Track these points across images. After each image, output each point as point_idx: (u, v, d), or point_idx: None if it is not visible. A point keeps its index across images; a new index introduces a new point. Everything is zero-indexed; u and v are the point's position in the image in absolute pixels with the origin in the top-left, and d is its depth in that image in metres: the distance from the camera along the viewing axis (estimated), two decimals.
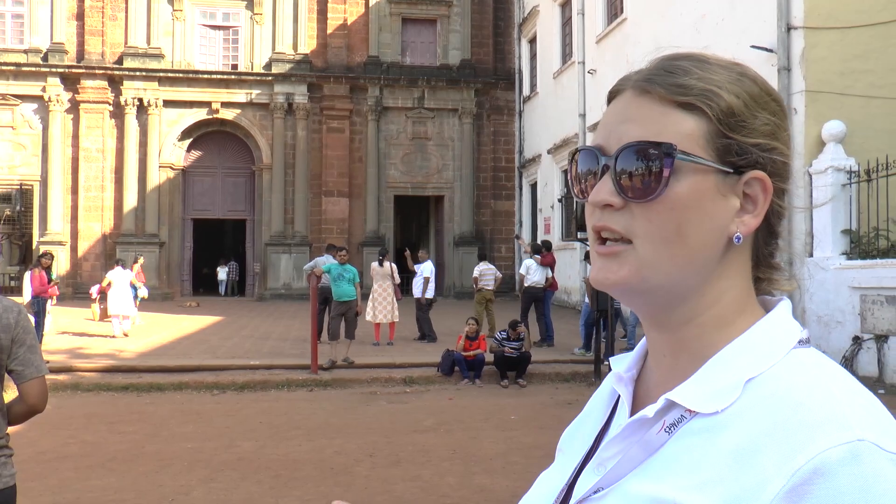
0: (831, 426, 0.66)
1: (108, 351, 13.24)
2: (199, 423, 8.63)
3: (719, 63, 0.81)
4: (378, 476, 6.52)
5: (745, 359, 0.76)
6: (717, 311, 0.80)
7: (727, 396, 0.73)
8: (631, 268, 0.78)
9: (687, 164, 0.76)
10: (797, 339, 0.77)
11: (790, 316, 0.81)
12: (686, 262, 0.77)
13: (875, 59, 11.60)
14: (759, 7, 12.54)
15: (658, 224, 0.77)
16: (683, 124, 0.77)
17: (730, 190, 0.77)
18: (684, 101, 0.77)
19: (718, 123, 0.77)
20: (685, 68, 0.80)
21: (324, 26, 27.38)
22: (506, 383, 11.19)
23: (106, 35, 26.28)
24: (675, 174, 0.76)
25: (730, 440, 0.70)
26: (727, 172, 0.77)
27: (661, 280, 0.78)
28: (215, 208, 27.59)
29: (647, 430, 0.77)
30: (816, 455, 0.65)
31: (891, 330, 10.05)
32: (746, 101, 0.78)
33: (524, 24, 27.11)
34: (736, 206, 0.78)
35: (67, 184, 25.96)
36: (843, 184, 11.13)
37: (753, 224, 0.78)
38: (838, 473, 0.64)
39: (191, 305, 23.26)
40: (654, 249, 0.77)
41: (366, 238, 26.78)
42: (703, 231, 0.77)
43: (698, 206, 0.76)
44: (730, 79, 0.79)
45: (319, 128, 27.23)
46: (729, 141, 0.77)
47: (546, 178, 24.36)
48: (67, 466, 6.75)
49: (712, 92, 0.77)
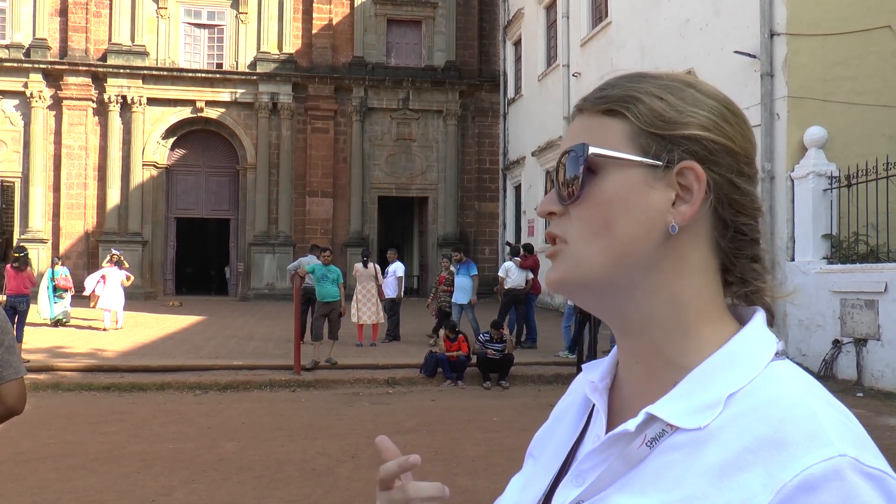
0: (813, 443, 0.68)
1: (89, 350, 13.15)
2: (181, 424, 8.60)
3: (656, 76, 0.84)
4: (360, 477, 6.52)
5: (726, 373, 0.76)
6: (677, 315, 0.80)
7: (709, 412, 0.74)
8: (567, 265, 0.82)
9: (610, 162, 0.80)
10: (774, 352, 0.78)
11: (766, 327, 0.81)
12: (619, 253, 0.79)
13: (856, 66, 11.73)
14: (743, 13, 12.64)
15: (587, 220, 0.80)
16: (607, 128, 0.82)
17: (662, 182, 0.79)
18: (606, 108, 0.83)
19: (639, 122, 0.80)
20: (612, 83, 0.85)
21: (309, 26, 27.34)
22: (488, 385, 11.21)
23: (90, 32, 26.12)
24: (600, 173, 0.80)
25: (712, 456, 0.71)
26: (655, 165, 0.79)
27: (597, 273, 0.80)
28: (199, 207, 27.48)
29: (627, 444, 0.78)
30: (801, 472, 0.66)
31: (869, 334, 10.17)
32: (673, 103, 0.80)
33: (509, 27, 27.17)
34: (671, 198, 0.79)
35: (49, 181, 25.77)
36: (825, 189, 11.24)
37: (689, 213, 0.78)
38: (822, 489, 0.66)
39: (174, 305, 23.14)
40: (585, 244, 0.81)
41: (349, 239, 26.75)
42: (632, 223, 0.79)
43: (624, 199, 0.79)
44: (658, 86, 0.82)
45: (304, 128, 27.19)
46: (652, 136, 0.79)
47: (530, 180, 24.42)
48: (48, 467, 6.71)
49: (631, 97, 0.81)
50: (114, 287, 16.26)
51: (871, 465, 0.68)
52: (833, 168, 11.20)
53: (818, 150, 11.35)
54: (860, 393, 9.82)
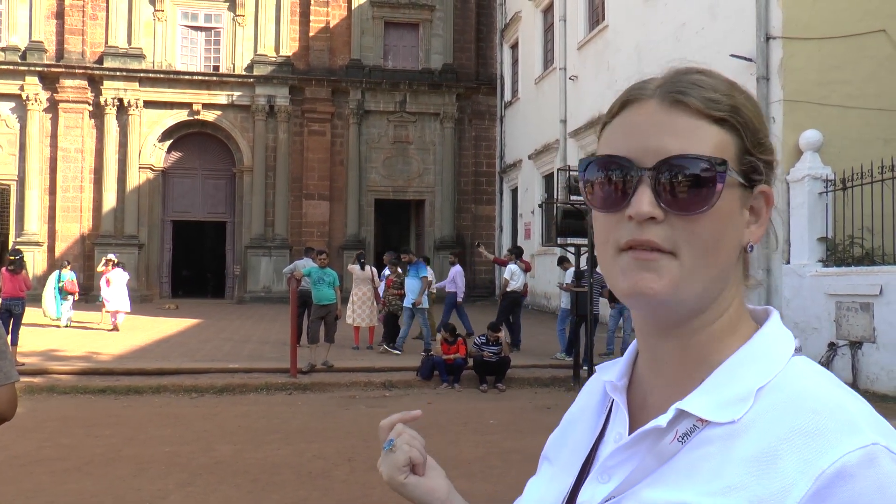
0: (847, 431, 0.71)
1: (84, 353, 13.13)
2: (177, 427, 8.59)
3: (725, 80, 0.84)
4: (357, 480, 6.52)
5: (753, 367, 0.79)
6: (726, 319, 0.83)
7: (741, 405, 0.76)
8: (670, 279, 0.78)
9: (729, 179, 0.78)
10: (793, 348, 0.82)
11: (783, 325, 0.85)
12: (717, 272, 0.80)
13: (851, 69, 11.76)
14: (739, 17, 12.67)
15: (701, 236, 0.78)
16: (719, 139, 0.79)
17: (745, 203, 0.82)
18: (719, 115, 0.79)
19: (745, 140, 0.80)
20: (710, 84, 0.81)
21: (306, 29, 27.34)
22: (485, 388, 11.20)
23: (86, 34, 26.10)
24: (719, 188, 0.78)
25: (748, 447, 0.74)
26: (745, 186, 0.81)
27: (697, 290, 0.79)
28: (195, 210, 27.45)
29: (658, 440, 0.79)
30: (838, 459, 0.69)
31: (864, 336, 10.18)
32: (759, 118, 0.82)
33: (506, 30, 27.21)
34: (747, 218, 0.83)
35: (45, 184, 25.73)
36: (820, 192, 11.26)
37: (760, 234, 0.84)
38: (858, 476, 0.68)
39: (170, 308, 23.11)
40: (695, 261, 0.78)
41: (346, 242, 26.74)
42: (732, 241, 0.81)
43: (731, 218, 0.80)
44: (743, 97, 0.82)
45: (301, 130, 27.19)
46: (752, 158, 0.81)
47: (527, 183, 24.44)
48: (43, 470, 6.69)
49: (740, 109, 0.80)
50: (120, 288, 16.98)
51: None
52: (828, 171, 11.23)
53: (814, 153, 11.37)
54: None
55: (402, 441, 1.04)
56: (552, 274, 21.22)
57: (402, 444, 1.04)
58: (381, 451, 1.04)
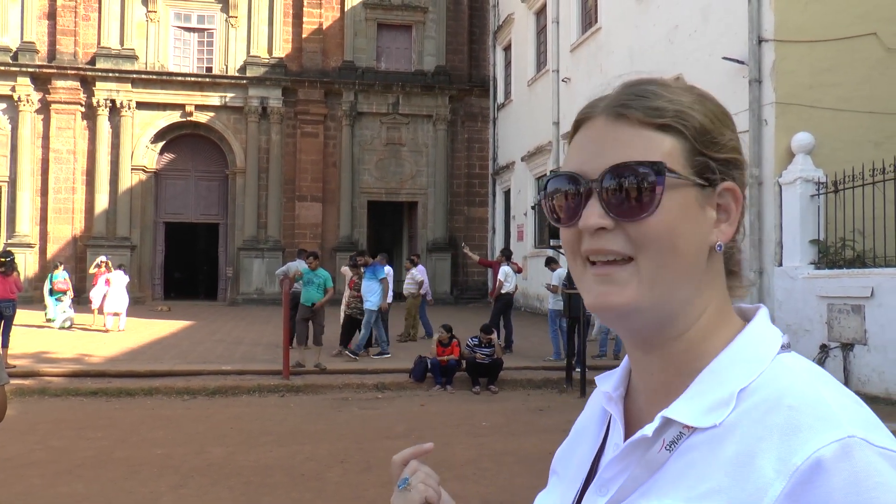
0: (822, 426, 0.70)
1: (76, 355, 13.08)
2: (169, 429, 8.56)
3: (679, 86, 0.84)
4: (349, 482, 6.51)
5: (735, 370, 0.79)
6: (704, 322, 0.82)
7: (723, 409, 0.76)
8: (635, 287, 0.79)
9: (672, 180, 0.79)
10: (780, 345, 0.81)
11: (770, 323, 0.84)
12: (682, 274, 0.80)
13: (843, 72, 11.80)
14: (731, 19, 12.70)
15: (654, 240, 0.79)
16: (664, 144, 0.80)
17: (707, 202, 0.81)
18: (661, 122, 0.80)
19: (694, 141, 0.81)
20: (655, 92, 0.82)
21: (299, 30, 27.33)
22: (477, 390, 11.20)
23: (78, 35, 26.02)
24: (665, 192, 0.79)
25: (728, 450, 0.73)
26: (703, 185, 0.81)
27: (661, 295, 0.80)
28: (188, 212, 27.39)
29: (647, 450, 0.79)
30: (812, 454, 0.69)
31: (856, 338, 10.22)
32: (713, 119, 0.82)
33: (499, 32, 27.23)
34: (713, 217, 0.82)
35: (37, 185, 25.63)
36: (812, 195, 11.30)
37: (730, 232, 0.83)
38: (833, 469, 0.68)
39: (162, 310, 23.05)
40: (653, 265, 0.79)
41: (339, 243, 26.72)
42: (693, 243, 0.80)
43: (685, 219, 0.80)
44: (694, 100, 0.83)
45: (294, 132, 27.15)
46: (703, 158, 0.81)
47: (520, 185, 24.46)
48: (34, 473, 6.66)
49: (685, 113, 0.81)
50: (120, 290, 17.06)
51: (881, 445, 0.70)
52: (820, 174, 11.27)
53: (805, 155, 11.41)
54: None
55: (417, 480, 0.99)
56: (544, 276, 21.25)
57: (418, 483, 0.99)
58: (395, 488, 1.01)
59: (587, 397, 1.02)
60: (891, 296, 9.75)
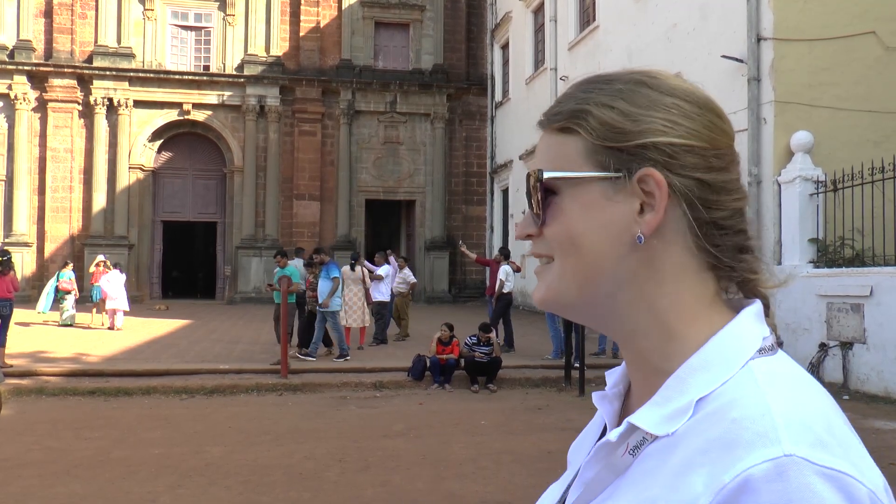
0: (759, 442, 0.66)
1: (73, 354, 13.06)
2: (167, 429, 8.54)
3: (609, 80, 0.82)
4: (347, 481, 6.49)
5: (700, 376, 0.75)
6: (658, 322, 0.79)
7: (680, 418, 0.73)
8: (547, 285, 0.83)
9: (568, 181, 0.80)
10: (756, 349, 0.76)
11: (754, 322, 0.79)
12: (590, 271, 0.80)
13: (841, 71, 11.80)
14: (730, 18, 12.69)
15: (557, 240, 0.81)
16: (564, 147, 0.82)
17: (623, 193, 0.78)
18: (560, 126, 0.82)
19: (592, 138, 0.79)
20: (567, 95, 0.84)
21: (296, 29, 27.30)
22: (476, 388, 11.19)
23: (75, 33, 25.96)
24: (560, 193, 0.81)
25: (674, 460, 0.71)
26: (615, 178, 0.78)
27: (574, 292, 0.81)
28: (186, 210, 27.35)
29: (610, 453, 0.78)
30: (741, 472, 0.65)
31: (855, 337, 10.22)
32: (625, 110, 0.79)
33: (497, 30, 27.21)
34: (635, 208, 0.78)
35: (34, 184, 25.58)
36: (811, 193, 11.30)
37: (654, 221, 0.77)
38: (762, 490, 0.64)
39: (160, 308, 23.03)
40: (560, 264, 0.82)
41: (337, 242, 26.69)
42: (597, 239, 0.79)
43: (584, 216, 0.79)
44: (609, 93, 0.80)
45: (291, 131, 27.13)
46: (608, 150, 0.79)
47: (518, 183, 24.44)
48: (31, 473, 6.64)
49: (582, 111, 0.80)
50: (119, 289, 17.47)
51: (825, 465, 0.65)
52: (819, 172, 11.27)
53: (804, 154, 11.41)
54: (846, 396, 9.86)
55: None
56: None
57: None
58: None
59: (586, 396, 1.01)
60: (890, 295, 9.76)
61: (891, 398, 9.59)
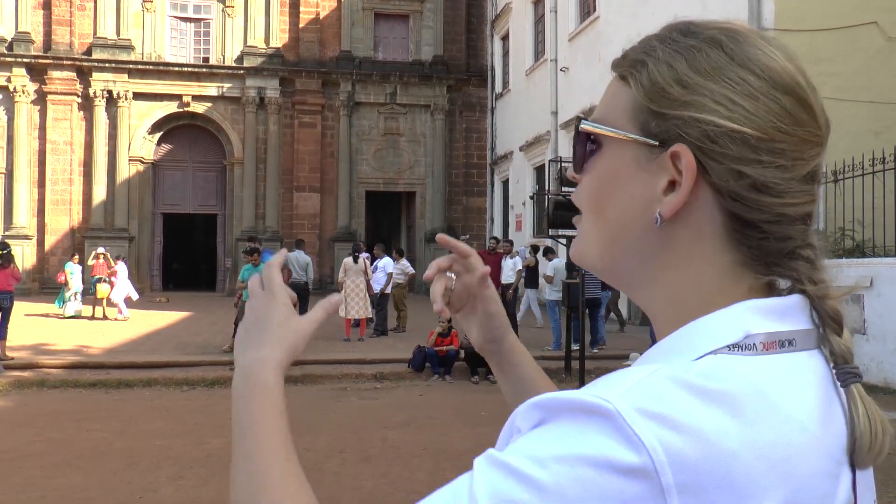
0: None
1: (74, 347, 13.07)
2: (168, 420, 8.56)
3: (690, 32, 0.74)
4: (348, 472, 6.50)
5: (649, 366, 0.64)
6: (675, 309, 0.71)
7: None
8: (577, 241, 0.79)
9: (609, 136, 0.73)
10: (727, 343, 0.65)
11: (746, 315, 0.66)
12: (611, 239, 0.74)
13: (842, 62, 11.77)
14: (731, 8, 12.65)
15: (585, 196, 0.76)
16: (618, 97, 0.74)
17: (656, 164, 0.70)
18: (620, 72, 0.75)
19: (640, 95, 0.71)
20: (646, 39, 0.76)
21: (296, 20, 27.24)
22: (476, 379, 11.20)
23: (74, 25, 25.92)
24: (602, 147, 0.74)
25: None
26: (652, 146, 0.70)
27: (595, 255, 0.76)
28: (186, 203, 27.36)
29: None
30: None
31: (855, 328, 10.22)
32: (683, 72, 0.69)
33: (497, 21, 27.15)
34: (661, 184, 0.69)
35: (34, 177, 25.58)
36: None
37: (674, 203, 0.68)
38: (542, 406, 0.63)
39: (160, 301, 23.04)
40: (587, 220, 0.77)
41: (337, 234, 26.70)
42: (620, 207, 0.72)
43: (613, 180, 0.73)
44: (677, 49, 0.71)
45: (291, 122, 27.11)
46: (651, 112, 0.70)
47: (518, 174, 24.43)
48: (33, 465, 6.65)
49: (641, 62, 0.73)
50: (125, 280, 18.08)
51: (599, 397, 0.59)
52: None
53: None
54: None
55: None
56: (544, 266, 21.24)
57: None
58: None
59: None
60: (890, 285, 9.76)
61: (891, 389, 9.61)
